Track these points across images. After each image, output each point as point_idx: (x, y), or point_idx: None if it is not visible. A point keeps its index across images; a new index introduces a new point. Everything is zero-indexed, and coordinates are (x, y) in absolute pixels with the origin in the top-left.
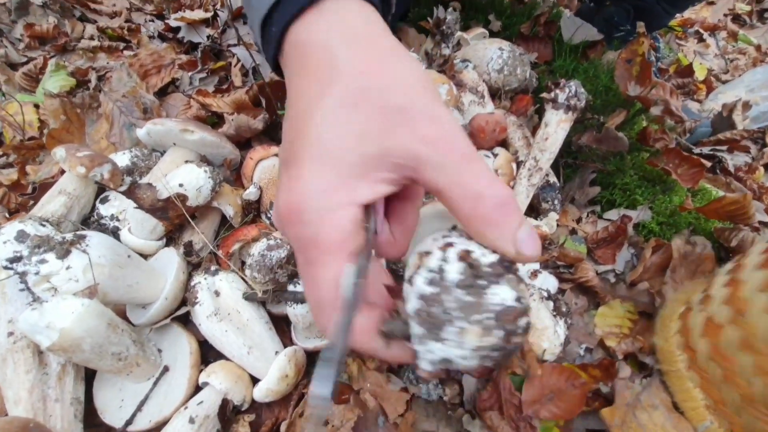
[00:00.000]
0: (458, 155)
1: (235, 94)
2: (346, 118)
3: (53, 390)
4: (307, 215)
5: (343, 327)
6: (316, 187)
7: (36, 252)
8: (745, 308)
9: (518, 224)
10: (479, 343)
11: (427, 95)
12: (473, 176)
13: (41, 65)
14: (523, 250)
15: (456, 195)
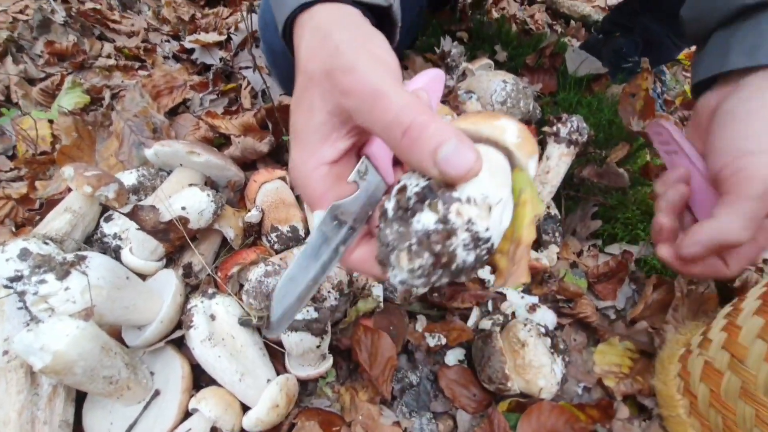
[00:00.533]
0: (369, 97)
1: (243, 116)
2: (301, 102)
3: (42, 412)
4: (298, 181)
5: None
6: (296, 163)
7: (36, 272)
8: (744, 355)
9: (435, 145)
10: (411, 266)
11: (351, 56)
12: (382, 111)
13: (58, 82)
14: (445, 168)
15: (378, 132)
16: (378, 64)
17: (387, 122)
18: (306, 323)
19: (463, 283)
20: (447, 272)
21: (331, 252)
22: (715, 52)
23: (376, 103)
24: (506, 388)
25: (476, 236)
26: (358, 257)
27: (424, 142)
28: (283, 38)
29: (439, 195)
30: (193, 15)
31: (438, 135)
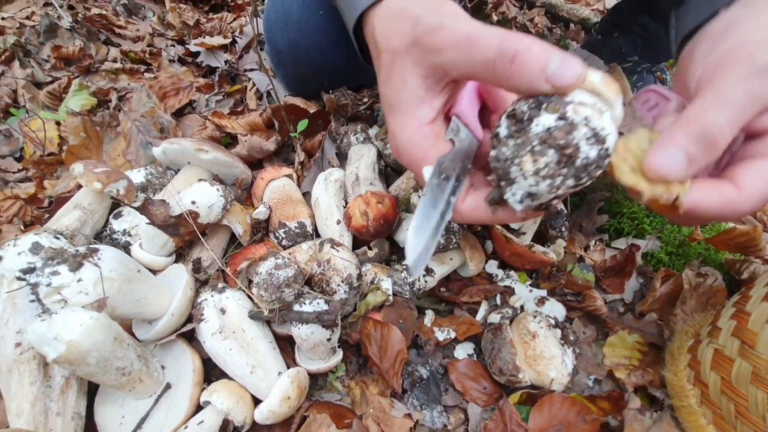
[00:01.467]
0: (464, 43)
1: (249, 116)
2: (391, 76)
3: (55, 404)
4: (402, 149)
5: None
6: (397, 131)
7: (49, 264)
8: (754, 341)
9: (541, 63)
10: (536, 166)
11: (435, 18)
12: (481, 51)
13: (65, 85)
14: (557, 82)
15: (481, 72)
16: (460, 17)
17: (491, 58)
18: (317, 315)
19: (471, 278)
20: (572, 170)
21: (445, 203)
22: (683, 12)
23: (473, 46)
24: (517, 379)
25: (595, 131)
26: (469, 206)
27: (532, 63)
28: (354, 35)
29: (554, 99)
30: (197, 20)
31: (544, 53)
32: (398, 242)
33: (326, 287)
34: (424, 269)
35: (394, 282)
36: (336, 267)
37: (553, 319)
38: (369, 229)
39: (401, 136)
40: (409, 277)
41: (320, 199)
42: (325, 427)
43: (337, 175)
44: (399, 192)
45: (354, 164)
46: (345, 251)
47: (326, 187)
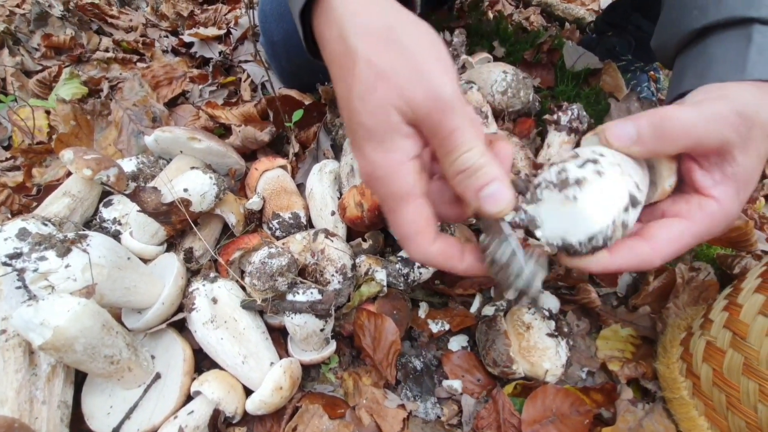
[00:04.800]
0: (447, 128)
1: (244, 107)
2: (371, 100)
3: (41, 392)
4: (380, 180)
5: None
6: (377, 160)
7: (36, 249)
8: (745, 332)
9: (480, 185)
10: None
11: (426, 64)
12: (453, 146)
13: (56, 73)
14: (483, 206)
15: (440, 157)
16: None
17: (450, 160)
18: (310, 305)
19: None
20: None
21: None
22: (677, 77)
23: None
24: (511, 371)
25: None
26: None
27: (472, 184)
28: (301, 18)
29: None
30: (191, 11)
31: (483, 177)
32: (393, 234)
33: (320, 277)
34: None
35: (389, 273)
36: (330, 257)
37: (547, 311)
38: (364, 220)
39: (385, 169)
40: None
41: (315, 190)
42: (317, 417)
43: (331, 166)
44: None
45: (349, 155)
46: (339, 241)
47: (321, 179)
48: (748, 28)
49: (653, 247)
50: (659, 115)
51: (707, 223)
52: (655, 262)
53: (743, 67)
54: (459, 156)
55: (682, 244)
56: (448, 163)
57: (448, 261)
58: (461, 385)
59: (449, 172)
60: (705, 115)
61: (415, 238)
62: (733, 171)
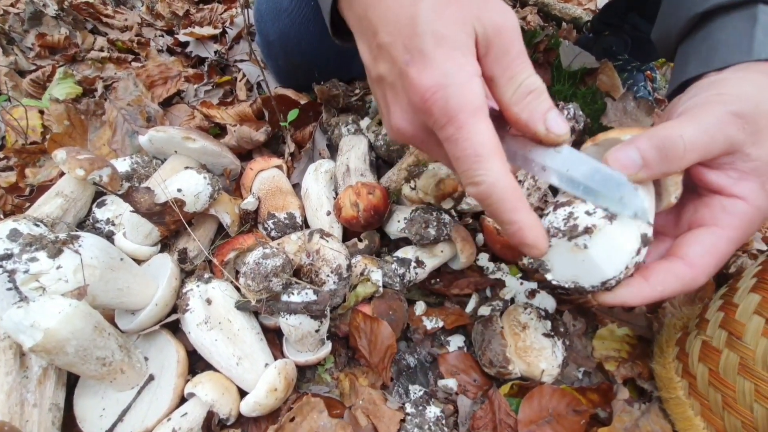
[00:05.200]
0: (515, 51)
1: (239, 106)
2: (445, 12)
3: (32, 394)
4: (451, 89)
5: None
6: (450, 68)
7: (27, 250)
8: (741, 332)
9: (546, 108)
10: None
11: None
12: (519, 69)
13: (49, 73)
14: (552, 128)
15: (504, 81)
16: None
17: (517, 80)
18: (305, 305)
19: (462, 270)
20: None
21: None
22: (679, 65)
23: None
24: (507, 371)
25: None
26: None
27: (540, 104)
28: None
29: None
30: (187, 10)
31: (548, 102)
32: (389, 234)
33: (315, 278)
34: (415, 261)
35: (385, 274)
36: (325, 257)
37: (543, 311)
38: (359, 219)
39: (457, 75)
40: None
41: (310, 190)
42: (317, 412)
43: (327, 166)
44: (390, 183)
45: (345, 155)
46: (334, 241)
47: (316, 178)
48: (752, 8)
49: (690, 264)
50: (660, 136)
51: (738, 223)
52: (699, 282)
53: (749, 48)
54: (528, 77)
55: (718, 254)
56: (517, 84)
57: (521, 200)
58: (456, 384)
59: (516, 94)
60: (705, 127)
61: (491, 157)
62: (750, 166)
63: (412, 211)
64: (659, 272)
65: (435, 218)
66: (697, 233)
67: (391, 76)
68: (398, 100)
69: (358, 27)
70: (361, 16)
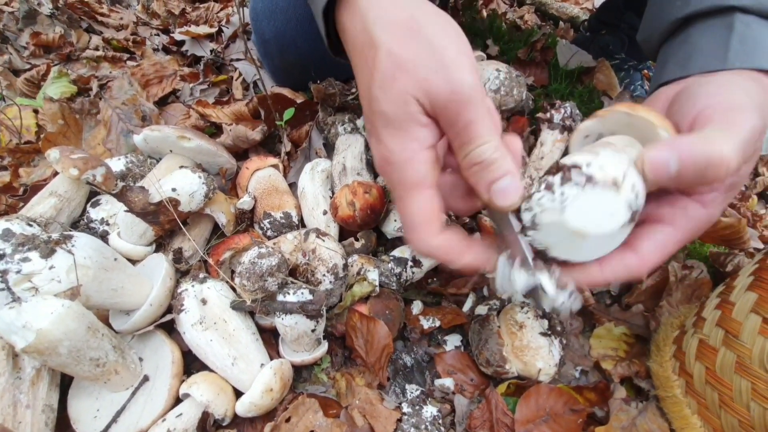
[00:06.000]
0: (463, 121)
1: (235, 105)
2: (391, 89)
3: (25, 396)
4: (394, 166)
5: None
6: (394, 147)
7: (19, 250)
8: (738, 330)
9: (492, 179)
10: None
11: (447, 55)
12: (468, 139)
13: (44, 72)
14: (493, 200)
15: (455, 148)
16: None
17: (464, 149)
18: (301, 305)
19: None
20: None
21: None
22: (659, 67)
23: (466, 126)
24: (504, 370)
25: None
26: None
27: (486, 175)
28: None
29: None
30: (183, 9)
31: (498, 170)
32: (385, 233)
33: (311, 277)
34: (412, 260)
35: (381, 273)
36: (321, 257)
37: (540, 310)
38: (356, 219)
39: (400, 156)
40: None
41: (306, 190)
42: (312, 412)
43: (323, 165)
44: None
45: (341, 154)
46: (331, 241)
47: (312, 178)
48: (729, 16)
49: (640, 257)
50: (705, 158)
51: (691, 227)
52: (642, 273)
53: (724, 56)
54: (474, 149)
55: (666, 251)
56: (463, 155)
57: (449, 255)
58: (453, 383)
59: (463, 164)
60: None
61: (419, 228)
62: (734, 181)
63: None
64: (613, 261)
65: None
66: (653, 229)
67: (366, 131)
68: (372, 152)
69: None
70: (350, 60)
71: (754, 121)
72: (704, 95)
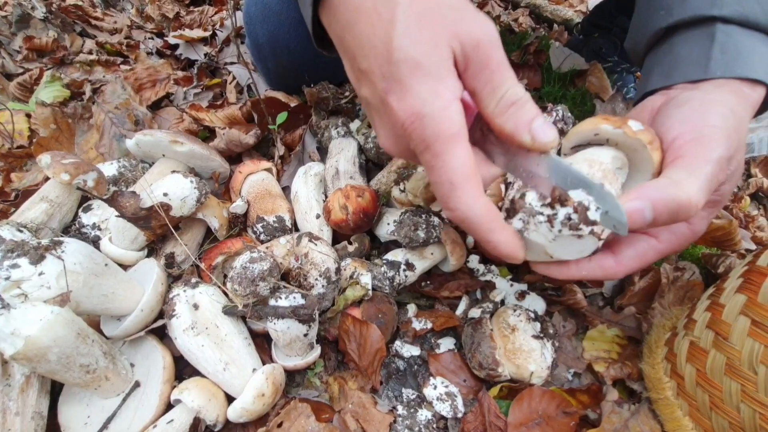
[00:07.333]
0: (494, 63)
1: (229, 109)
2: (418, 35)
3: (14, 402)
4: (427, 118)
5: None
6: (426, 96)
7: (9, 256)
8: (727, 332)
9: (531, 117)
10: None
11: (469, 6)
12: (500, 81)
13: (37, 76)
14: (537, 137)
15: (486, 94)
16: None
17: (500, 92)
18: (293, 310)
19: (452, 273)
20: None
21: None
22: (644, 75)
23: (499, 72)
24: (497, 373)
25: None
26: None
27: (524, 114)
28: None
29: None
30: (177, 13)
31: (533, 110)
32: (379, 237)
33: (304, 282)
34: (405, 264)
35: (374, 277)
36: (314, 261)
37: (532, 312)
38: (349, 222)
39: (434, 105)
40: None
41: (299, 193)
42: (304, 417)
43: (317, 169)
44: (380, 186)
45: (334, 158)
46: (323, 245)
47: (306, 181)
48: (711, 26)
49: (618, 261)
50: (677, 203)
51: (674, 242)
52: (617, 276)
53: (706, 66)
54: (510, 88)
55: (645, 260)
56: (499, 96)
57: (492, 222)
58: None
59: (499, 107)
60: (706, 184)
61: (464, 185)
62: (712, 199)
63: (402, 214)
64: (591, 261)
65: (424, 221)
66: (637, 238)
67: (374, 100)
68: (383, 124)
69: (339, 47)
70: (340, 37)
71: (721, 150)
72: (678, 121)
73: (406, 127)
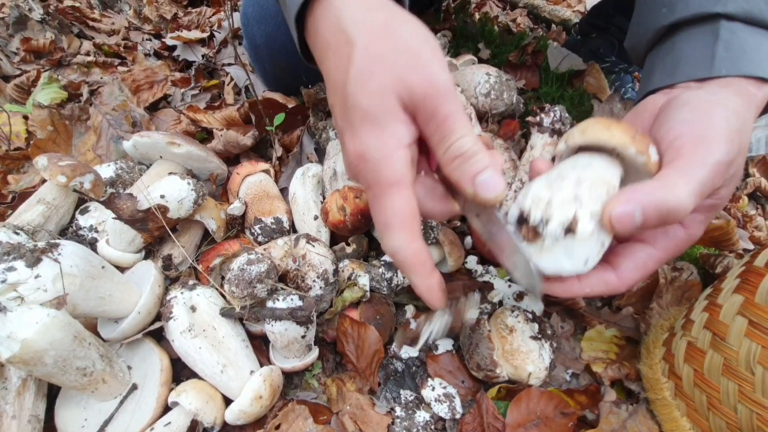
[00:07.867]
0: (443, 114)
1: (226, 110)
2: (369, 84)
3: (11, 406)
4: (371, 163)
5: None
6: (372, 143)
7: (5, 259)
8: (725, 333)
9: (476, 171)
10: None
11: (423, 53)
12: (448, 131)
13: (34, 78)
14: (479, 193)
15: (435, 143)
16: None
17: (447, 143)
18: (290, 311)
19: (451, 274)
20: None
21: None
22: (646, 74)
23: (447, 123)
24: (495, 374)
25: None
26: None
27: (470, 167)
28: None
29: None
30: (175, 14)
31: (481, 162)
32: (377, 238)
33: (301, 283)
34: None
35: (372, 278)
36: (311, 262)
37: (530, 313)
38: (347, 224)
39: (377, 153)
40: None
41: (297, 195)
42: (302, 419)
43: (315, 170)
44: None
45: (332, 159)
46: (321, 246)
47: (304, 183)
48: (714, 24)
49: (619, 276)
50: (666, 206)
51: (672, 248)
52: (620, 290)
53: (710, 64)
54: (456, 141)
55: (645, 271)
56: (444, 148)
57: (424, 266)
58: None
59: (445, 158)
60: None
61: (397, 229)
62: (710, 203)
63: None
64: (592, 277)
65: (422, 222)
66: (633, 248)
67: (337, 129)
68: (343, 152)
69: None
70: (319, 62)
71: (721, 154)
72: (679, 122)
73: (354, 166)
